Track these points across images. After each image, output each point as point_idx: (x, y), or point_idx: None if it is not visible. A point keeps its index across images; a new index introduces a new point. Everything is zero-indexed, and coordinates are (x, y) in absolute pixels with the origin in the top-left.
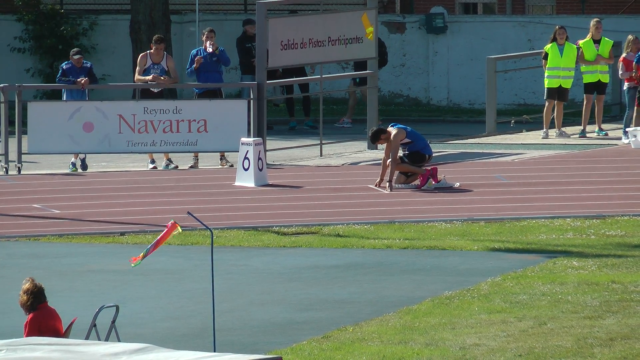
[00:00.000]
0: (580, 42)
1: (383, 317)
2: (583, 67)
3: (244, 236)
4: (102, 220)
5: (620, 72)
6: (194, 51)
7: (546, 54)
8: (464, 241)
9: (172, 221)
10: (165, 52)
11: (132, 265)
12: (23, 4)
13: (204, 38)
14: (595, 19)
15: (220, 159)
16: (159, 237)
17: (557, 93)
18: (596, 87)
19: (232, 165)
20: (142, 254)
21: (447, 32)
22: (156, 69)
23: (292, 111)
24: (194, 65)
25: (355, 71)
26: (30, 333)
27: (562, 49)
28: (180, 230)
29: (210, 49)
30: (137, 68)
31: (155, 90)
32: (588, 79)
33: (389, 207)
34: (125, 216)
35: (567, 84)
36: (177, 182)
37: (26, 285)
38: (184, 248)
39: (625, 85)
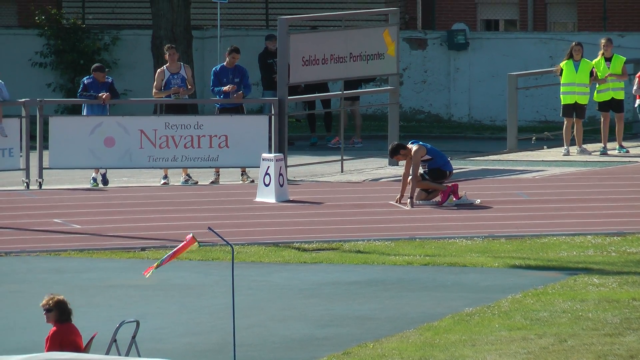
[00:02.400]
0: (593, 61)
1: (403, 334)
2: (598, 87)
3: (265, 252)
4: (123, 236)
5: (634, 88)
6: (216, 68)
7: (561, 70)
8: (485, 258)
9: (191, 235)
10: (181, 63)
11: (146, 276)
12: (45, 19)
13: (227, 55)
14: (605, 37)
15: (242, 175)
16: (175, 249)
17: (574, 110)
18: (610, 105)
19: (253, 181)
20: (155, 264)
21: (469, 49)
22: (176, 79)
23: (314, 127)
24: (223, 89)
25: (345, 89)
26: (51, 348)
27: (577, 65)
28: (199, 245)
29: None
30: (155, 83)
31: (179, 98)
32: (600, 97)
33: (410, 223)
34: (146, 231)
35: (583, 100)
36: (198, 197)
37: (61, 297)
38: (205, 263)
39: (637, 102)
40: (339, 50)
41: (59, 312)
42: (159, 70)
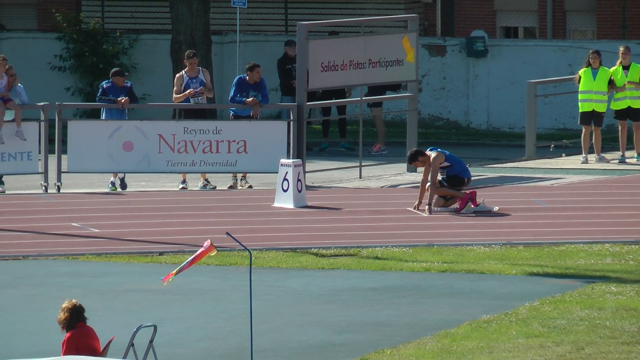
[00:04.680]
0: (611, 69)
1: (420, 340)
2: (616, 95)
3: (283, 257)
4: (141, 240)
5: None
6: (237, 79)
7: (580, 78)
8: (503, 265)
9: (209, 241)
10: (200, 67)
11: (164, 283)
12: (64, 22)
13: (248, 72)
14: (623, 46)
15: (241, 180)
16: (193, 256)
17: (592, 117)
18: (627, 114)
19: (251, 187)
20: (174, 271)
21: (488, 56)
22: (195, 83)
23: (327, 132)
24: (246, 100)
25: (369, 95)
26: (67, 352)
27: (595, 73)
28: (217, 251)
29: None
30: (175, 88)
31: (197, 101)
32: (617, 105)
33: (428, 230)
34: (164, 236)
35: (601, 107)
36: (217, 202)
37: (65, 304)
38: (223, 268)
39: None
40: (358, 56)
41: (71, 317)
42: (177, 75)
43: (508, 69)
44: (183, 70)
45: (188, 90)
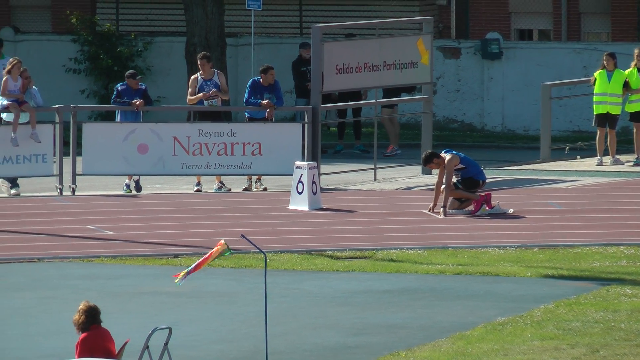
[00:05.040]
0: (626, 71)
1: (435, 343)
2: (630, 97)
3: (297, 260)
4: (156, 242)
5: None
6: (251, 82)
7: (595, 80)
8: (517, 267)
9: (222, 241)
10: (215, 70)
11: (176, 280)
12: (79, 25)
13: (261, 75)
14: (638, 48)
15: (256, 182)
16: (205, 256)
17: (606, 120)
18: None
19: (265, 189)
20: (184, 271)
21: (503, 58)
22: (209, 85)
23: (342, 134)
24: (261, 102)
25: (384, 97)
26: (81, 354)
27: (610, 75)
28: (230, 253)
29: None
30: (189, 90)
31: (211, 104)
32: (631, 108)
33: (443, 232)
34: (179, 238)
35: (615, 110)
36: (231, 204)
37: (81, 305)
38: (237, 271)
39: None
40: (372, 58)
41: (86, 319)
42: (192, 77)
43: (523, 71)
44: (198, 73)
45: (202, 93)
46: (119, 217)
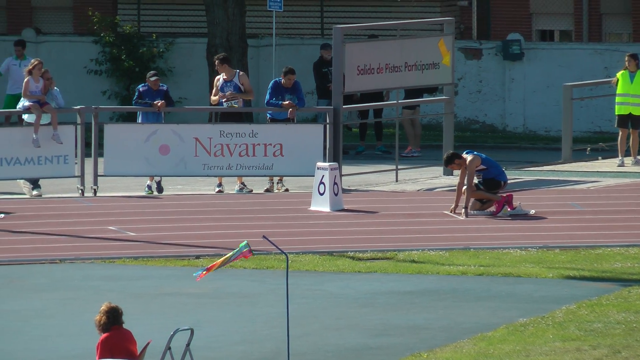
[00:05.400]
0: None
1: (457, 344)
2: None
3: (319, 261)
4: (177, 243)
5: None
6: (272, 83)
7: (617, 81)
8: (539, 268)
9: (247, 245)
10: (237, 71)
11: (195, 275)
12: (100, 26)
13: (283, 77)
14: None
15: (277, 183)
16: (229, 257)
17: (629, 120)
18: None
19: (287, 190)
20: (206, 269)
21: (524, 59)
22: (229, 86)
23: (364, 136)
24: (282, 104)
25: (406, 98)
26: (102, 354)
27: (633, 76)
28: (253, 254)
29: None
30: (213, 90)
31: (231, 104)
32: None
33: (464, 233)
34: (201, 239)
35: (637, 111)
36: (253, 205)
37: (103, 306)
38: (259, 272)
39: None
40: (394, 59)
41: (107, 319)
42: (217, 77)
43: (544, 72)
44: (222, 74)
45: (219, 94)
46: (140, 218)
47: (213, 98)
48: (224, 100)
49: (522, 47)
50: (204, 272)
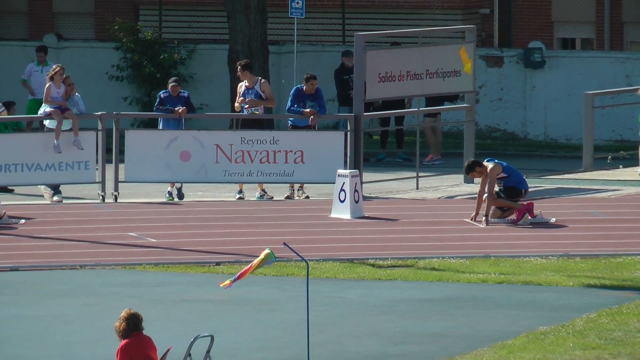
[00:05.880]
0: None
1: (477, 352)
2: None
3: (339, 268)
4: (198, 250)
5: None
6: (294, 90)
7: None
8: (560, 277)
9: (267, 250)
10: (259, 78)
11: (221, 285)
12: (122, 32)
13: (305, 83)
14: None
15: (298, 190)
16: (251, 264)
17: None
18: None
19: (307, 197)
20: (229, 280)
21: (545, 67)
22: (250, 94)
23: (385, 143)
24: (304, 111)
25: (427, 106)
26: None
27: None
28: (274, 257)
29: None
30: (237, 97)
31: (252, 111)
32: None
33: (485, 241)
34: (221, 246)
35: None
36: (274, 212)
37: (123, 313)
38: (280, 279)
39: None
40: (415, 67)
41: (127, 326)
42: (240, 83)
43: (565, 80)
44: (244, 80)
45: (240, 99)
46: (161, 224)
47: (236, 105)
48: (246, 107)
49: (544, 55)
50: (231, 281)
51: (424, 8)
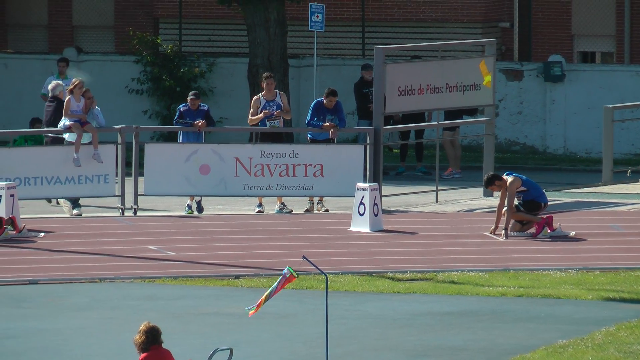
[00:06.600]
0: None
1: None
2: None
3: (359, 281)
4: (217, 263)
5: None
6: (314, 103)
7: None
8: (579, 290)
9: (290, 272)
10: (277, 90)
11: (246, 309)
12: (141, 45)
13: (325, 98)
14: None
15: (317, 203)
16: (276, 285)
17: None
18: None
19: (327, 210)
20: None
21: (565, 81)
22: (271, 106)
23: (404, 156)
24: (323, 125)
25: (446, 119)
26: None
27: None
28: (295, 275)
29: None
30: (251, 110)
31: (273, 124)
32: None
33: (504, 254)
34: (240, 259)
35: None
36: (293, 226)
37: (142, 326)
38: (299, 292)
39: None
40: (435, 80)
41: (146, 339)
42: (255, 97)
43: (585, 94)
44: (260, 93)
45: (264, 110)
46: (180, 237)
47: (252, 118)
48: (274, 117)
49: (564, 68)
50: (256, 309)
51: (444, 22)
